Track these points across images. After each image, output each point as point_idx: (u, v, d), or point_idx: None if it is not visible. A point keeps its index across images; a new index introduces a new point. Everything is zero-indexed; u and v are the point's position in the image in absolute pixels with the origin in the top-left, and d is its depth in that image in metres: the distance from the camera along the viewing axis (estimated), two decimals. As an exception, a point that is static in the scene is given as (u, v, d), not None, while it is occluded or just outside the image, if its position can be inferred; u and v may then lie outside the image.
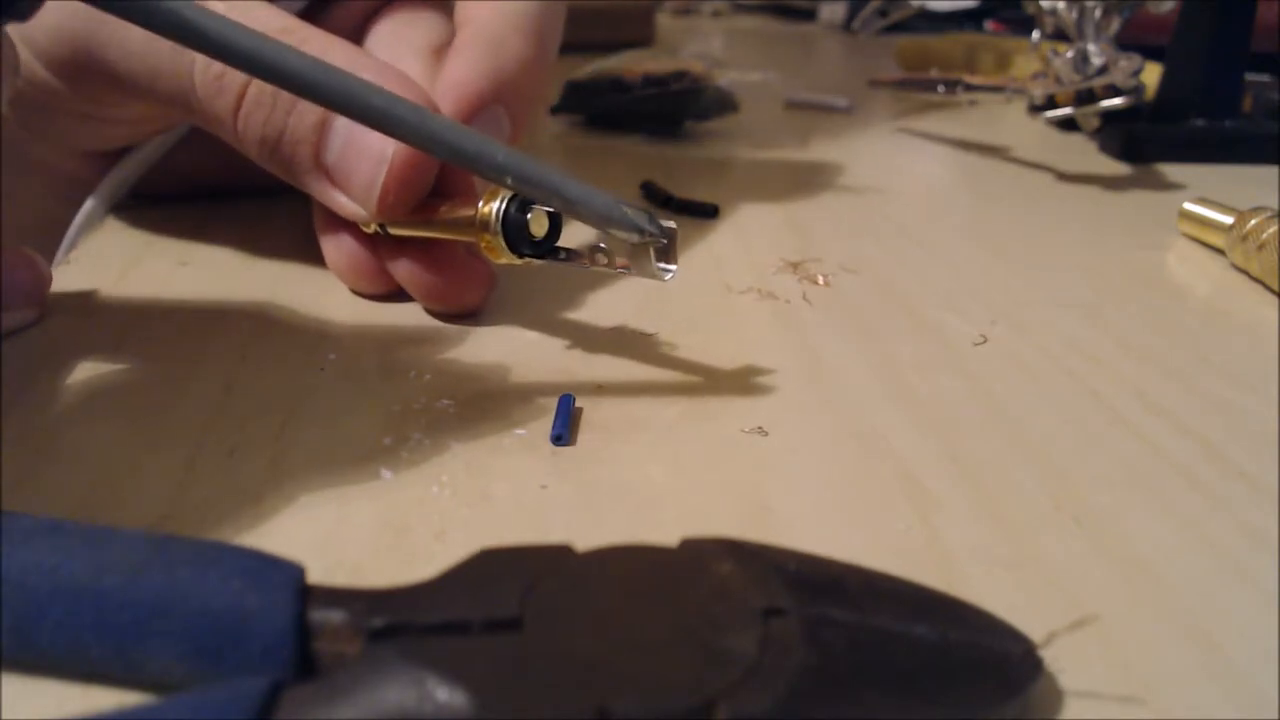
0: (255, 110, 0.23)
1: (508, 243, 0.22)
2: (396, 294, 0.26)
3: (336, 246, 0.26)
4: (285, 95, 0.22)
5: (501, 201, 0.22)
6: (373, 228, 0.24)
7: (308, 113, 0.23)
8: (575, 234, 0.24)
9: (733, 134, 0.48)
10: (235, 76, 0.22)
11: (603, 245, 0.21)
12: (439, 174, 0.24)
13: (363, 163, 0.23)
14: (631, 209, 0.19)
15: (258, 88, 0.23)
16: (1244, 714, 0.13)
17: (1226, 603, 0.15)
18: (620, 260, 0.21)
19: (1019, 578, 0.16)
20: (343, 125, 0.23)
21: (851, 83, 0.63)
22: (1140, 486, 0.18)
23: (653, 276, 0.20)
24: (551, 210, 0.22)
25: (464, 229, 0.23)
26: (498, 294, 0.26)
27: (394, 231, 0.24)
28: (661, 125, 0.47)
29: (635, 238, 0.20)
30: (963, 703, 0.12)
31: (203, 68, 0.23)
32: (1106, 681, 0.13)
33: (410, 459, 0.19)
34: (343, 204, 0.23)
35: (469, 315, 0.25)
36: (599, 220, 0.19)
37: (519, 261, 0.22)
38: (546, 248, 0.23)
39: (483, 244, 0.22)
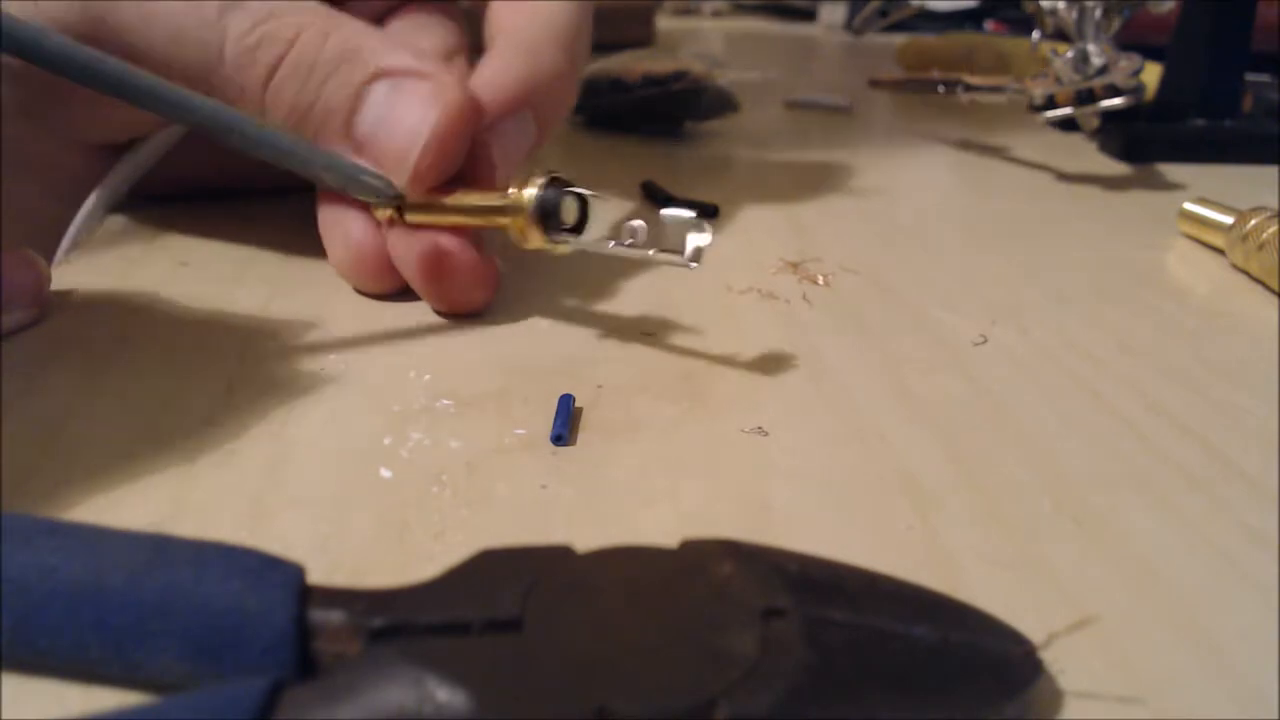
0: (289, 81, 0.23)
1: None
2: (397, 294, 0.26)
3: (342, 243, 0.26)
4: (321, 67, 0.23)
5: (536, 187, 0.22)
6: (388, 213, 0.24)
7: (342, 85, 0.23)
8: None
9: (733, 134, 0.48)
10: (270, 49, 0.23)
11: (635, 223, 0.21)
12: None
13: (398, 135, 0.23)
14: (371, 176, 0.23)
15: (295, 59, 0.23)
16: (1244, 714, 0.13)
17: (1226, 603, 0.15)
18: (651, 249, 0.21)
19: (1019, 578, 0.16)
20: (379, 97, 0.23)
21: (851, 83, 0.63)
22: (1140, 487, 0.18)
23: (680, 263, 0.21)
24: (580, 193, 0.23)
25: (488, 215, 0.23)
26: (498, 294, 0.26)
27: (411, 219, 0.24)
28: (661, 125, 0.47)
29: (374, 198, 0.24)
30: (963, 704, 0.12)
31: (235, 39, 0.23)
32: (1106, 682, 0.13)
33: (410, 459, 0.19)
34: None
35: (473, 314, 0.25)
36: (343, 183, 0.23)
37: (548, 246, 0.23)
38: (575, 234, 0.23)
39: (515, 229, 0.23)
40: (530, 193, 0.22)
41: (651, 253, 0.21)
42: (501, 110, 0.25)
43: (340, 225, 0.26)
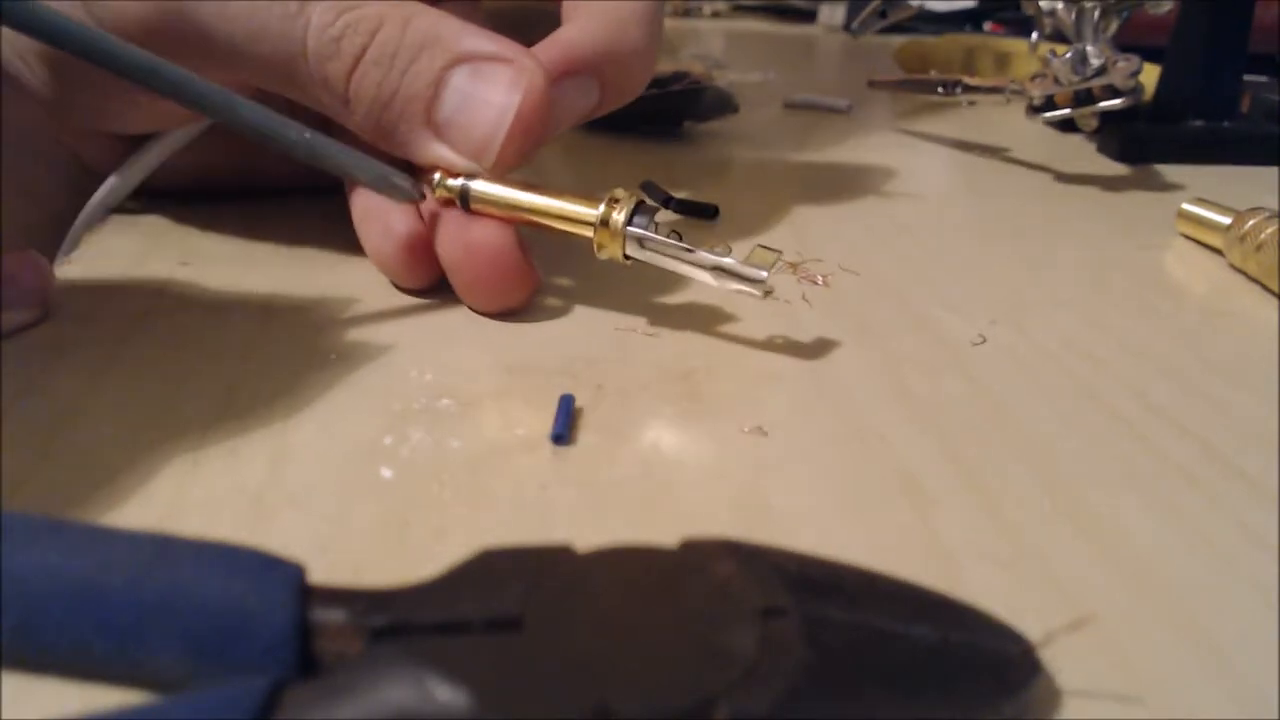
0: (372, 70, 0.23)
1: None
2: (407, 292, 0.26)
3: (382, 234, 0.25)
4: (403, 55, 0.23)
5: (626, 212, 0.23)
6: (453, 187, 0.24)
7: (423, 72, 0.23)
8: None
9: (732, 135, 0.48)
10: (354, 39, 0.23)
11: (720, 260, 0.22)
12: None
13: (480, 122, 0.23)
14: (399, 177, 0.24)
15: (378, 48, 0.23)
16: (1244, 714, 0.13)
17: (1226, 603, 0.15)
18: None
19: (1018, 577, 0.16)
20: (460, 83, 0.23)
21: (851, 84, 0.63)
22: (1140, 486, 0.18)
23: (752, 290, 0.22)
24: (667, 241, 0.23)
25: (568, 221, 0.24)
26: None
27: (477, 208, 0.24)
28: (661, 126, 0.47)
29: (401, 199, 0.24)
30: (961, 703, 0.12)
31: (318, 30, 0.23)
32: (1105, 681, 0.14)
33: (410, 459, 0.19)
34: (451, 160, 0.24)
35: (507, 314, 0.25)
36: (373, 182, 0.24)
37: (622, 261, 0.24)
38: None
39: (596, 241, 0.23)
40: (619, 217, 0.23)
41: (726, 264, 0.22)
42: (569, 67, 0.25)
43: (380, 217, 0.25)
